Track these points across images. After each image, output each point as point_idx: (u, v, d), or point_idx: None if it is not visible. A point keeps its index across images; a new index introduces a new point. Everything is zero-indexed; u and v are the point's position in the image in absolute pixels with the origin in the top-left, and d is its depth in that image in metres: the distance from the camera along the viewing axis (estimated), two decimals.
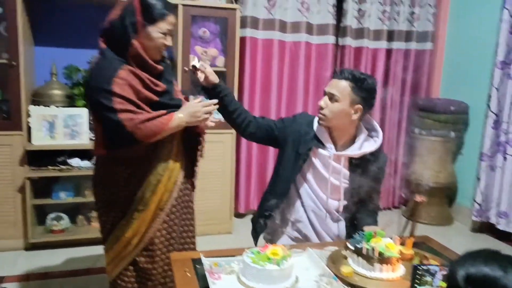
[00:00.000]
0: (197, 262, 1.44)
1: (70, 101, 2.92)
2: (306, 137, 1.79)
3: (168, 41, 1.65)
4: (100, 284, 2.42)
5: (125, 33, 1.56)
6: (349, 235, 1.84)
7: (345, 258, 1.48)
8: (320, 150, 1.77)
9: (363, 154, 1.75)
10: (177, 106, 1.71)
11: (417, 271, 1.26)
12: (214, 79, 1.77)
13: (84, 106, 2.91)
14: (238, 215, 3.56)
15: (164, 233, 1.75)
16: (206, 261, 1.41)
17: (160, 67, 1.67)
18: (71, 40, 3.07)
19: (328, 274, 1.36)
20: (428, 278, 1.26)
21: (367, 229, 1.57)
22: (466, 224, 3.64)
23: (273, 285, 1.29)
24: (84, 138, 2.85)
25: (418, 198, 1.54)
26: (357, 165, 1.77)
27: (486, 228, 3.52)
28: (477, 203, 3.43)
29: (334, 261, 1.47)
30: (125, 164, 1.67)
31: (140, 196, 1.70)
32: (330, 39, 3.61)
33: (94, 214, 2.99)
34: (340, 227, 1.85)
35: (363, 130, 1.80)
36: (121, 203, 1.71)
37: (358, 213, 1.82)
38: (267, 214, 1.84)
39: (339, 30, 3.72)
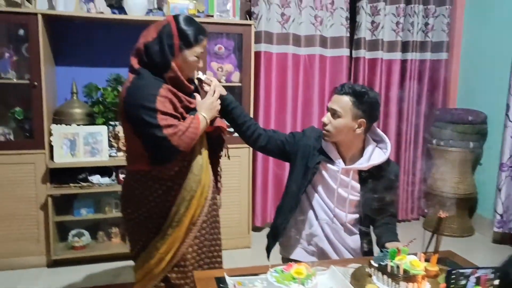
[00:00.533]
0: (220, 281, 1.45)
1: (90, 119, 2.97)
2: (314, 151, 1.79)
3: (201, 63, 1.72)
4: None
5: (163, 56, 1.62)
6: (366, 249, 1.83)
7: (370, 276, 1.47)
8: (329, 165, 1.77)
9: (371, 167, 1.74)
10: None
11: (452, 276, 1.28)
12: (222, 91, 1.79)
13: (104, 123, 2.97)
14: (255, 228, 3.56)
15: (196, 249, 1.78)
16: (229, 280, 1.41)
17: (192, 86, 1.75)
18: (90, 59, 3.14)
19: None
20: (463, 282, 1.29)
21: (390, 246, 1.55)
22: (487, 235, 3.58)
23: None
24: (104, 155, 2.90)
25: (442, 214, 1.52)
26: (367, 177, 1.76)
27: (508, 239, 3.46)
28: (498, 213, 3.37)
29: (358, 279, 1.45)
30: (162, 179, 1.70)
31: (174, 211, 1.72)
32: (344, 51, 3.63)
33: (114, 230, 3.03)
34: (355, 240, 1.84)
35: (371, 142, 1.79)
36: (155, 219, 1.73)
37: (376, 228, 1.81)
38: (280, 228, 1.84)
39: (353, 42, 3.73)
